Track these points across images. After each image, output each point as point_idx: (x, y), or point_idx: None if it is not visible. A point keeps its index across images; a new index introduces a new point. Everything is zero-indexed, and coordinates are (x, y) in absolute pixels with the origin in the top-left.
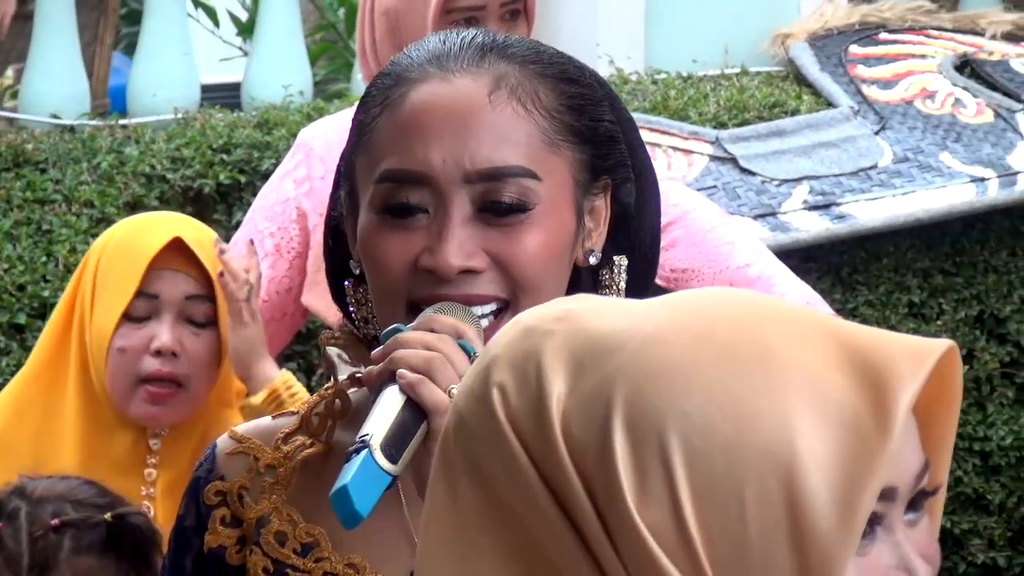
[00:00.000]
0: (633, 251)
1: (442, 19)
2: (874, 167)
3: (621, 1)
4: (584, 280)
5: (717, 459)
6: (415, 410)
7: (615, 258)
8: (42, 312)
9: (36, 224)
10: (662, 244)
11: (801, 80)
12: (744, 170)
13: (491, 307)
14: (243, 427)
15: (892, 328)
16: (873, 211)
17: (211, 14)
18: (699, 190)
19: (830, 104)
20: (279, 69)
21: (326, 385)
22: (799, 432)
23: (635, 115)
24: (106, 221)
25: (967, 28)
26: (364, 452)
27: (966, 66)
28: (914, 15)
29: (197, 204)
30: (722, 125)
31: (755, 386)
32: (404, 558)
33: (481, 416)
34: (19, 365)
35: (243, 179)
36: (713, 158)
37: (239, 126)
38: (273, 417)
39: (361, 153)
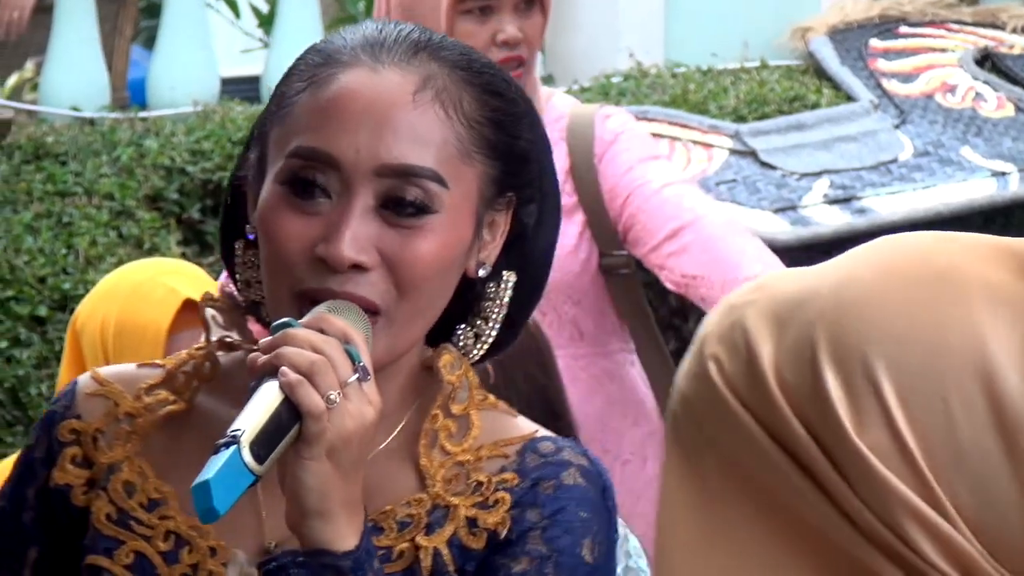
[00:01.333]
0: (523, 269)
1: (456, 8)
2: (894, 161)
3: None
4: (470, 290)
5: (919, 371)
6: (290, 411)
7: (504, 273)
8: (63, 304)
9: (57, 216)
10: (673, 249)
11: (821, 74)
12: (764, 164)
13: (365, 315)
14: (106, 370)
15: None
16: (893, 205)
17: (232, 5)
18: (719, 184)
19: (850, 98)
20: None
21: (196, 345)
22: (989, 336)
23: (655, 108)
24: (126, 213)
25: (988, 22)
26: (232, 449)
27: (987, 60)
28: (934, 9)
29: (216, 197)
30: (742, 119)
31: (943, 299)
32: (248, 530)
33: (703, 391)
34: (40, 357)
35: None
36: (733, 152)
37: None
38: (138, 366)
39: (277, 124)
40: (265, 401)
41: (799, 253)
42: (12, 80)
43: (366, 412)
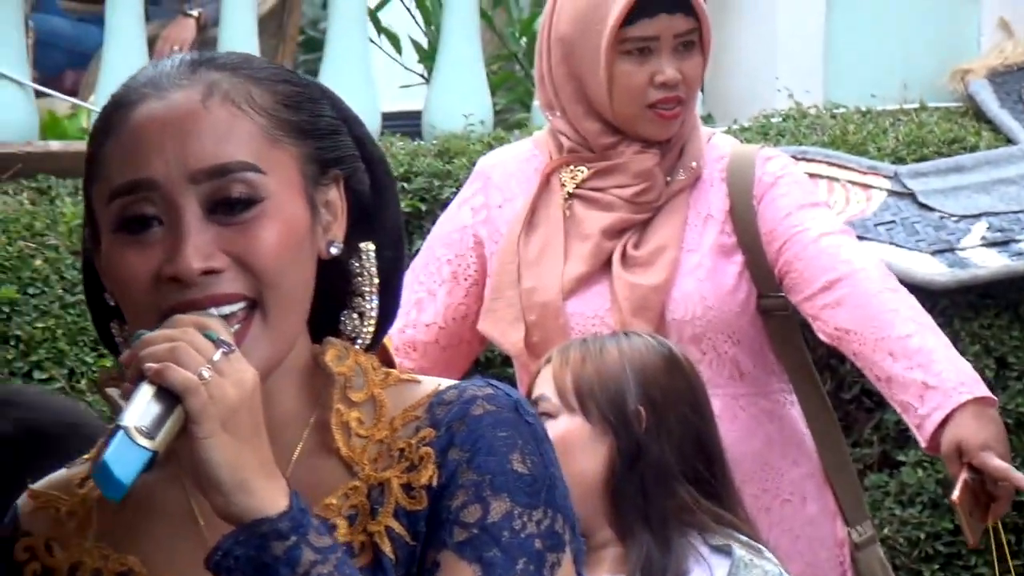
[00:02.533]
0: (377, 237)
1: (616, 48)
2: None
3: (800, 35)
4: (333, 273)
5: None
6: (167, 395)
7: (361, 245)
8: None
9: None
10: (828, 301)
11: (980, 116)
12: (923, 205)
13: (239, 305)
14: (39, 484)
15: None
16: None
17: (393, 41)
18: (877, 225)
19: (1009, 140)
20: (460, 98)
21: (109, 426)
22: None
23: (814, 149)
24: None
25: None
26: (119, 433)
27: None
28: None
29: None
30: (901, 160)
31: None
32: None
33: None
34: None
35: (423, 207)
36: (892, 193)
37: (420, 154)
38: (68, 467)
39: (93, 184)
40: (140, 396)
41: (957, 295)
42: None
43: (245, 377)
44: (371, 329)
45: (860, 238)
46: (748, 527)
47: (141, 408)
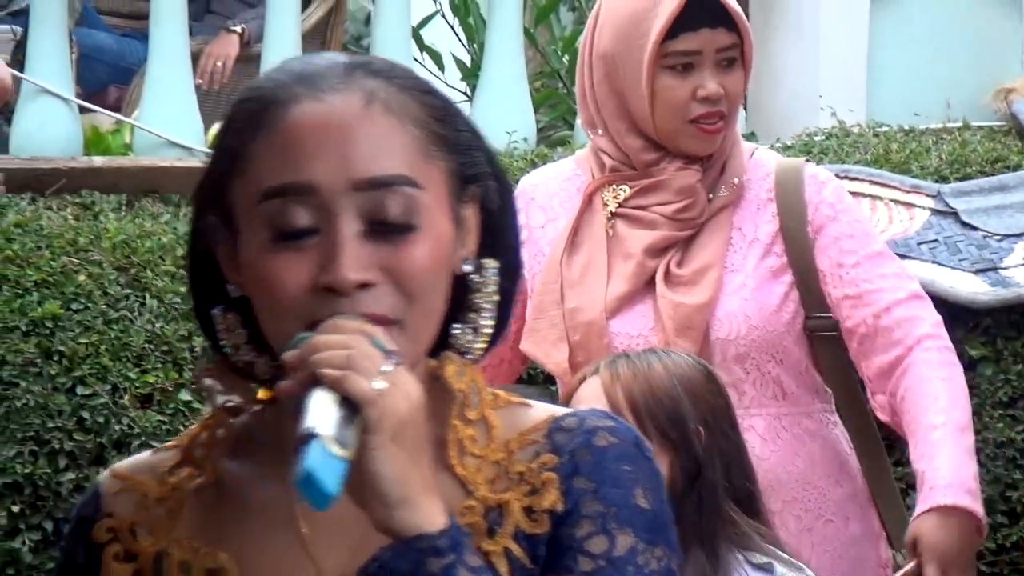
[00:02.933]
0: (499, 254)
1: (658, 63)
2: None
3: (844, 54)
4: (456, 287)
5: None
6: (348, 403)
7: (484, 261)
8: None
9: None
10: (886, 387)
11: (1023, 135)
12: (966, 224)
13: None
14: (122, 465)
15: None
16: None
17: (436, 58)
18: (920, 244)
19: None
20: (503, 115)
21: (205, 416)
22: None
23: (857, 167)
24: None
25: None
26: (315, 440)
27: None
28: None
29: None
30: (944, 179)
31: None
32: (305, 574)
33: None
34: None
35: None
36: (935, 212)
37: None
38: (152, 452)
39: (237, 178)
40: (320, 403)
41: (1000, 314)
42: (214, 129)
43: (412, 392)
44: (483, 345)
45: (903, 257)
46: (784, 545)
47: (327, 415)
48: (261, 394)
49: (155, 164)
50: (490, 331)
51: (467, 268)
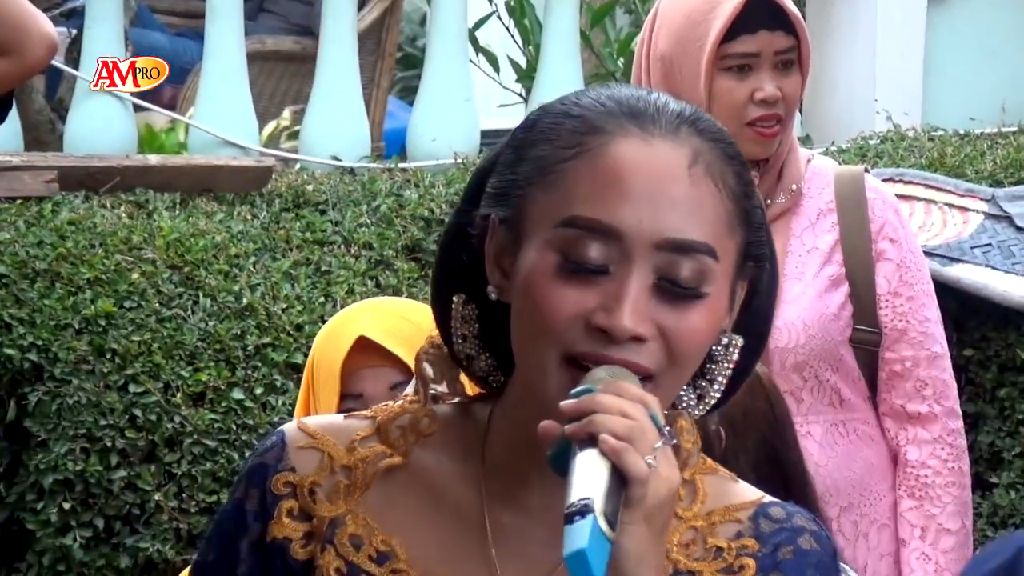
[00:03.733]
0: (747, 331)
1: (716, 64)
2: None
3: (900, 57)
4: None
5: None
6: (618, 477)
7: (732, 337)
8: None
9: (315, 265)
10: (913, 436)
11: None
12: (1020, 228)
13: (640, 379)
14: (313, 421)
15: None
16: None
17: (492, 60)
18: (974, 248)
19: None
20: None
21: (408, 396)
22: None
23: (912, 171)
24: (384, 263)
25: None
26: (591, 518)
27: None
28: None
29: None
30: (998, 183)
31: None
32: None
33: None
34: (295, 404)
35: None
36: (988, 216)
37: None
38: (345, 417)
39: (541, 189)
40: (595, 469)
41: None
42: (269, 128)
43: (674, 477)
44: (703, 412)
45: (956, 260)
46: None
47: (598, 485)
48: (470, 389)
49: (209, 163)
50: (713, 402)
51: (724, 340)
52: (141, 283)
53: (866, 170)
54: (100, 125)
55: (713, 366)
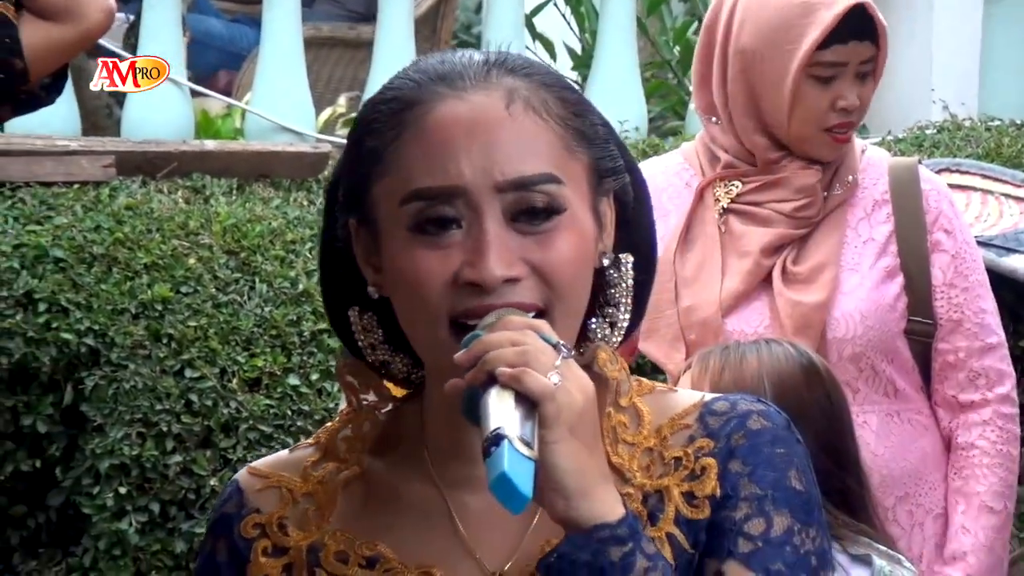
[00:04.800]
0: (634, 248)
1: (805, 71)
2: None
3: (957, 48)
4: (593, 282)
5: None
6: (525, 401)
7: (621, 256)
8: None
9: None
10: (966, 420)
11: None
12: None
13: (530, 315)
14: (261, 463)
15: None
16: None
17: (548, 46)
18: None
19: None
20: (615, 104)
21: (342, 411)
22: None
23: (968, 161)
24: None
25: None
26: (504, 441)
27: None
28: None
29: None
30: None
31: None
32: (469, 568)
33: None
34: None
35: None
36: None
37: None
38: (290, 451)
39: (378, 179)
40: (501, 403)
41: None
42: (325, 115)
43: (586, 383)
44: (620, 339)
45: (1012, 251)
46: (885, 538)
47: (509, 414)
48: (395, 392)
49: (266, 149)
50: (626, 325)
51: (606, 262)
52: (198, 268)
53: (919, 161)
54: (157, 110)
55: (613, 290)
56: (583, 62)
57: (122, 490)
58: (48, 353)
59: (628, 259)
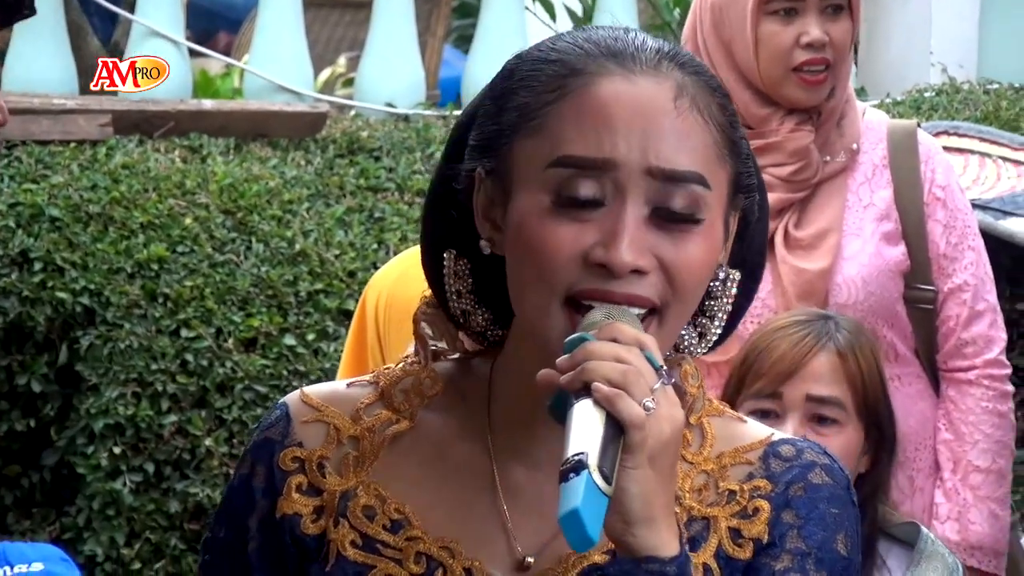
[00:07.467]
0: (743, 265)
1: (762, 9)
2: None
3: (956, 10)
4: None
5: None
6: (614, 425)
7: (728, 271)
8: None
9: (368, 211)
10: (956, 378)
11: None
12: None
13: (643, 311)
14: (315, 392)
15: None
16: None
17: (548, 7)
18: None
19: None
20: None
21: (409, 358)
22: None
23: (966, 124)
24: None
25: None
26: (584, 474)
27: None
28: None
29: None
30: None
31: None
32: (498, 544)
33: None
34: None
35: None
36: None
37: None
38: (348, 385)
39: (524, 135)
40: (589, 420)
41: None
42: (324, 75)
43: (677, 415)
44: (705, 351)
45: (1010, 214)
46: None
47: (593, 437)
48: (468, 346)
49: (264, 108)
50: (714, 340)
51: (721, 274)
52: (194, 228)
53: (918, 124)
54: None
55: (712, 302)
56: (583, 23)
57: (116, 450)
58: (43, 312)
59: (735, 275)
